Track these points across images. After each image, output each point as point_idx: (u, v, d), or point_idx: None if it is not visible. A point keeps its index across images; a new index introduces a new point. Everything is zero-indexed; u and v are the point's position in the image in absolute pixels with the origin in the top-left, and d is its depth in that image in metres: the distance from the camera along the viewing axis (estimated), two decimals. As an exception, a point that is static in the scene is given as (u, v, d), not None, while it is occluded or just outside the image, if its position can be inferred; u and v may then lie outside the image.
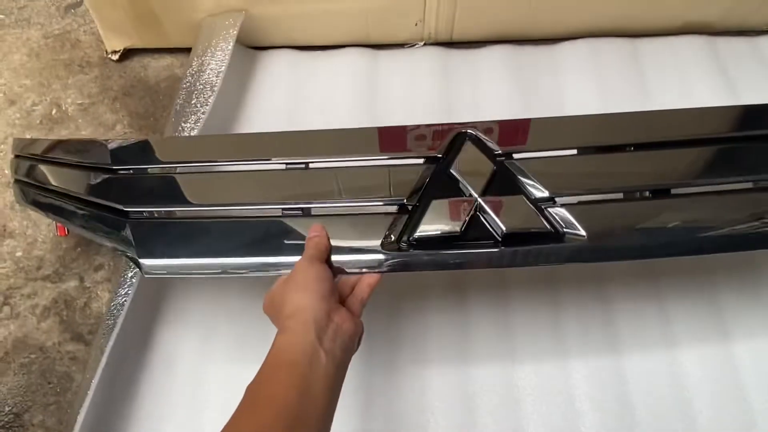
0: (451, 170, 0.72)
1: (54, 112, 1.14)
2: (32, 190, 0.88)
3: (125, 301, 0.81)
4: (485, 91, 1.10)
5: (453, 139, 0.74)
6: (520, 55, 1.15)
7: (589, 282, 0.88)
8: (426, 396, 0.80)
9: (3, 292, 0.93)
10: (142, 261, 0.72)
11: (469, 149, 0.73)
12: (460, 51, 1.17)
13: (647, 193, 0.71)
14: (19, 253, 0.96)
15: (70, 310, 0.91)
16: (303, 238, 0.69)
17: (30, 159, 0.89)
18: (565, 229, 0.68)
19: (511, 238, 0.67)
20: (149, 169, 0.79)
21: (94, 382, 0.76)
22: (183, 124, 0.98)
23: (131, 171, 0.79)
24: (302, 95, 1.12)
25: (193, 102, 1.00)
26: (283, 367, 0.53)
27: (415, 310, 0.86)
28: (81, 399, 0.74)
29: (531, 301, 0.87)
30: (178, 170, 0.78)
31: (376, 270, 0.69)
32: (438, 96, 1.10)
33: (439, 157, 0.73)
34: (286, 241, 0.71)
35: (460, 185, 0.71)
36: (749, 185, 0.72)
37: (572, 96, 1.09)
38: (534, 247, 0.68)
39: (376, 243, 0.69)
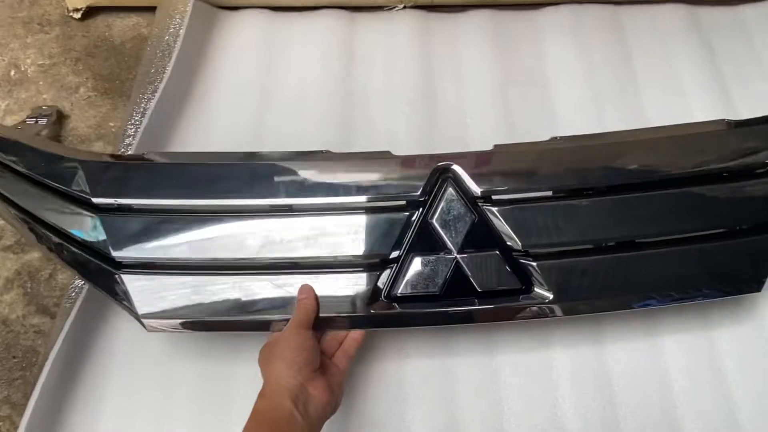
0: (432, 221, 0.74)
1: (13, 73, 1.08)
2: (5, 206, 0.83)
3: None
4: (466, 59, 1.08)
5: (435, 177, 0.75)
6: (501, 21, 1.12)
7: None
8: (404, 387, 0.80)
9: (-38, 264, 0.89)
10: (145, 321, 0.73)
11: (449, 194, 0.75)
12: (440, 15, 1.13)
13: (612, 244, 0.76)
14: (-23, 224, 0.92)
15: (34, 282, 0.88)
16: (293, 292, 0.73)
17: None
18: (534, 288, 0.74)
19: (485, 295, 0.73)
20: (134, 206, 0.76)
21: (52, 355, 0.75)
22: (141, 95, 0.94)
23: (114, 206, 0.76)
24: (274, 61, 1.07)
25: (151, 71, 0.95)
26: (264, 425, 0.60)
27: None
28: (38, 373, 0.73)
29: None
30: (163, 209, 0.76)
31: (361, 326, 0.74)
32: (418, 65, 1.07)
33: (421, 200, 0.75)
34: (277, 298, 0.74)
35: (441, 238, 0.74)
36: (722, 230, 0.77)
37: (554, 65, 1.07)
38: (506, 305, 0.74)
39: (361, 300, 0.74)
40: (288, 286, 0.75)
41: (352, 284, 0.75)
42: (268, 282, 0.76)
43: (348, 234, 0.76)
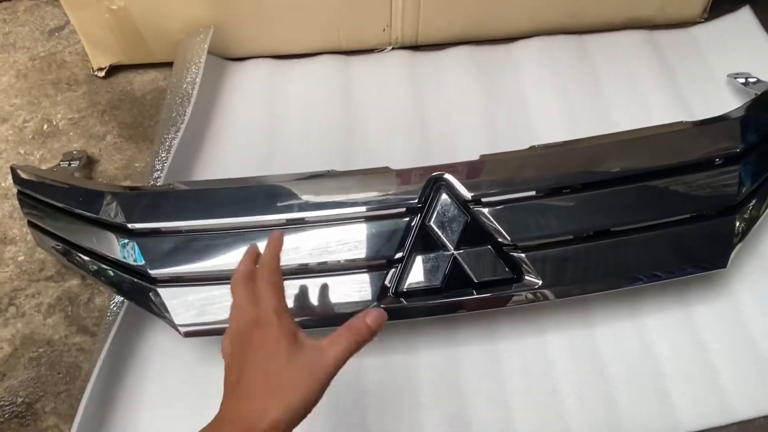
0: (430, 223, 0.84)
1: (45, 127, 1.20)
2: (48, 239, 0.95)
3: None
4: (451, 89, 1.19)
5: (430, 185, 0.86)
6: (480, 54, 1.24)
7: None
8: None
9: (8, 294, 0.98)
10: (181, 327, 0.83)
11: (443, 199, 0.85)
12: (425, 53, 1.26)
13: (591, 234, 0.86)
14: (21, 258, 1.02)
15: (74, 306, 0.96)
16: (309, 294, 0.83)
17: (35, 201, 0.95)
18: (525, 276, 0.83)
19: (482, 285, 0.83)
20: (164, 228, 0.86)
21: (96, 369, 0.83)
22: (165, 135, 1.05)
23: (147, 230, 0.86)
24: (279, 102, 1.19)
25: (173, 115, 1.07)
26: None
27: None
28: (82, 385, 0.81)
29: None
30: (192, 230, 0.86)
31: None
32: (408, 97, 1.18)
33: (419, 207, 0.85)
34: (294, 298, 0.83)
35: (439, 238, 0.84)
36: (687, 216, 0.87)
37: (529, 88, 1.18)
38: (501, 293, 0.83)
39: (371, 297, 0.83)
40: (304, 287, 0.84)
41: (362, 283, 0.84)
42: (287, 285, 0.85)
43: (356, 240, 0.85)
